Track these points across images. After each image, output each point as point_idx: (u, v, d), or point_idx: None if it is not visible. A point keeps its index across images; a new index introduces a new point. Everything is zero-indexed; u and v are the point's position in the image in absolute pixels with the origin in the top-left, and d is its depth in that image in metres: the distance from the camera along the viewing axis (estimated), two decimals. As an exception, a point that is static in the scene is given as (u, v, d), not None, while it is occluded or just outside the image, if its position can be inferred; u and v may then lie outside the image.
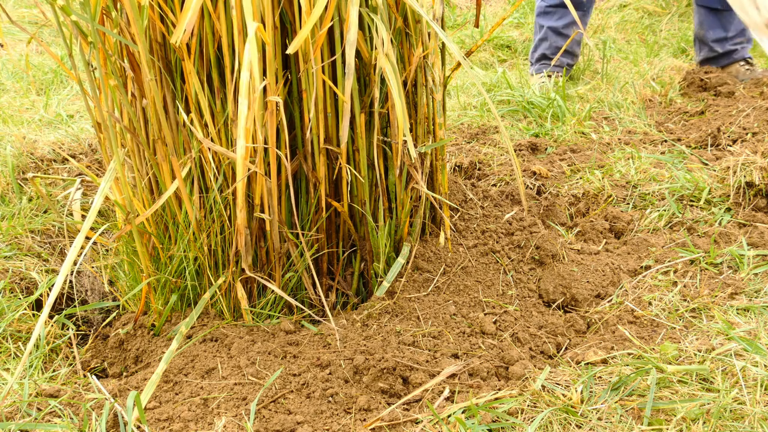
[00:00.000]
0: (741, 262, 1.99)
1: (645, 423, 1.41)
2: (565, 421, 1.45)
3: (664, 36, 4.27)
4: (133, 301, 1.96)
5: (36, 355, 1.77)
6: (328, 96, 1.69)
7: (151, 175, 1.77)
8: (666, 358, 1.60)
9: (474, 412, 1.45)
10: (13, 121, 2.90)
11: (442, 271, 1.91)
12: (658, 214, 2.28)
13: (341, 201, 1.79)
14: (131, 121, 1.72)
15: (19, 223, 2.22)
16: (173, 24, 1.59)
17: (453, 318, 1.79)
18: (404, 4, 1.71)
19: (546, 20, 3.61)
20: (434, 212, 1.98)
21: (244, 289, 1.78)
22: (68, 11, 1.51)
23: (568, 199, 2.42)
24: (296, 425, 1.47)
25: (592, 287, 1.97)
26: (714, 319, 1.75)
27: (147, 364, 1.74)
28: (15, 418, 1.50)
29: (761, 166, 2.28)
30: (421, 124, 1.86)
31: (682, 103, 3.19)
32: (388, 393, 1.57)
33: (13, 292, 2.00)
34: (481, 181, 2.50)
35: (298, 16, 1.62)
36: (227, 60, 1.62)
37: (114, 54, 1.64)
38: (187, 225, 1.73)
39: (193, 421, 1.47)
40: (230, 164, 1.69)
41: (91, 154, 2.66)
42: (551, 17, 3.59)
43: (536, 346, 1.76)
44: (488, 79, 3.52)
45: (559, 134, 2.89)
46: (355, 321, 1.77)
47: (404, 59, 1.80)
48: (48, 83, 3.47)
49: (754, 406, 1.42)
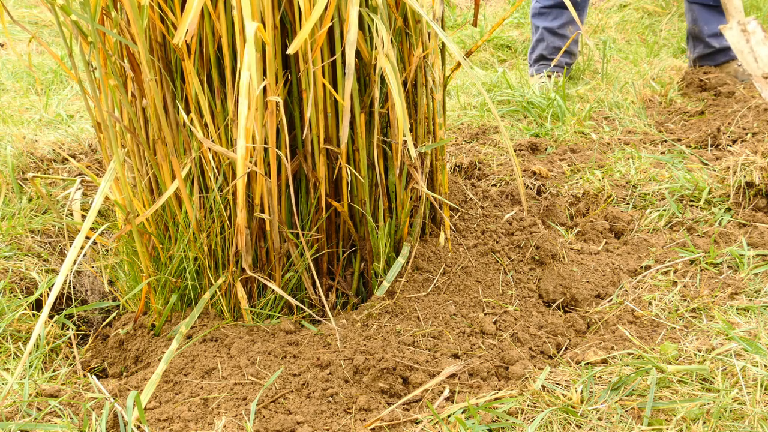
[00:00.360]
0: (741, 262, 1.99)
1: (645, 423, 1.41)
2: (565, 421, 1.45)
3: (664, 36, 4.27)
4: (133, 301, 1.96)
5: (36, 355, 1.77)
6: (328, 96, 1.69)
7: (151, 175, 1.77)
8: (666, 358, 1.60)
9: (473, 412, 1.44)
10: (13, 121, 2.90)
11: (442, 271, 1.91)
12: (658, 214, 2.28)
13: (341, 201, 1.79)
14: (131, 121, 1.72)
15: (19, 223, 2.22)
16: (173, 24, 1.59)
17: (453, 318, 1.79)
18: (404, 4, 1.71)
19: (541, 21, 3.61)
20: (434, 212, 1.98)
21: (244, 289, 1.78)
22: (68, 11, 1.51)
23: (568, 199, 2.42)
24: (296, 425, 1.47)
25: (592, 287, 1.97)
26: (714, 319, 1.75)
27: (147, 364, 1.74)
28: (15, 418, 1.50)
29: (761, 166, 2.28)
30: (421, 124, 1.86)
31: (682, 103, 3.19)
32: (388, 393, 1.57)
33: (13, 292, 2.00)
34: (481, 181, 2.50)
35: (298, 16, 1.62)
36: (227, 60, 1.62)
37: (114, 54, 1.64)
38: (187, 225, 1.73)
39: (193, 421, 1.47)
40: (230, 164, 1.69)
41: (91, 154, 2.66)
42: (546, 18, 3.59)
43: (536, 346, 1.76)
44: (488, 79, 3.52)
45: (559, 134, 2.89)
46: (355, 321, 1.77)
47: (404, 59, 1.80)
48: (48, 83, 3.47)
49: (754, 406, 1.42)
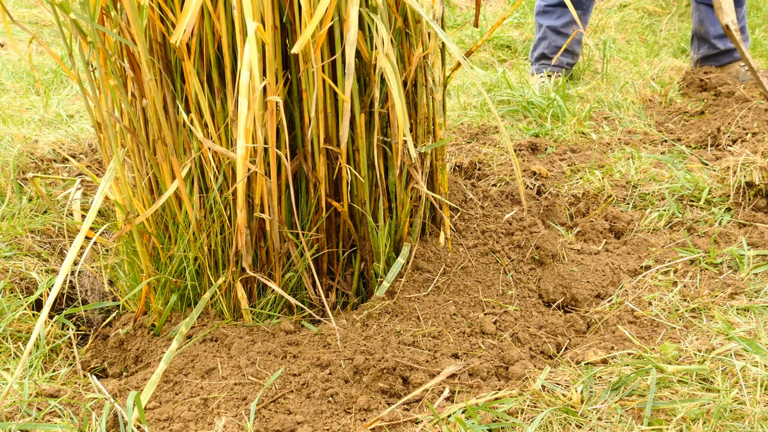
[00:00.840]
0: (741, 262, 1.99)
1: (645, 423, 1.41)
2: (565, 421, 1.44)
3: (664, 36, 4.27)
4: (133, 301, 1.96)
5: (36, 355, 1.77)
6: (328, 96, 1.69)
7: (151, 175, 1.77)
8: (666, 358, 1.60)
9: (473, 412, 1.44)
10: (13, 121, 2.90)
11: (442, 271, 1.91)
12: (658, 214, 2.28)
13: (341, 201, 1.79)
14: (131, 121, 1.72)
15: (19, 223, 2.22)
16: (173, 24, 1.59)
17: (453, 318, 1.79)
18: (404, 4, 1.71)
19: (545, 19, 3.60)
20: (434, 212, 1.98)
21: (244, 289, 1.78)
22: (67, 9, 1.51)
23: (568, 199, 2.42)
24: (296, 425, 1.47)
25: (592, 287, 1.97)
26: (714, 319, 1.75)
27: (147, 364, 1.74)
28: (15, 418, 1.50)
29: (761, 166, 2.28)
30: (421, 124, 1.86)
31: (682, 103, 3.19)
32: (388, 393, 1.57)
33: (13, 292, 2.00)
34: (481, 181, 2.50)
35: (299, 16, 1.62)
36: (227, 60, 1.62)
37: (114, 54, 1.64)
38: (187, 225, 1.73)
39: (193, 421, 1.47)
40: (230, 164, 1.69)
41: (91, 154, 2.66)
42: (550, 16, 3.58)
43: (536, 346, 1.76)
44: (488, 79, 3.52)
45: (559, 134, 2.89)
46: (355, 321, 1.77)
47: (404, 59, 1.80)
48: (48, 83, 3.47)
49: (754, 406, 1.42)
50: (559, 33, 3.57)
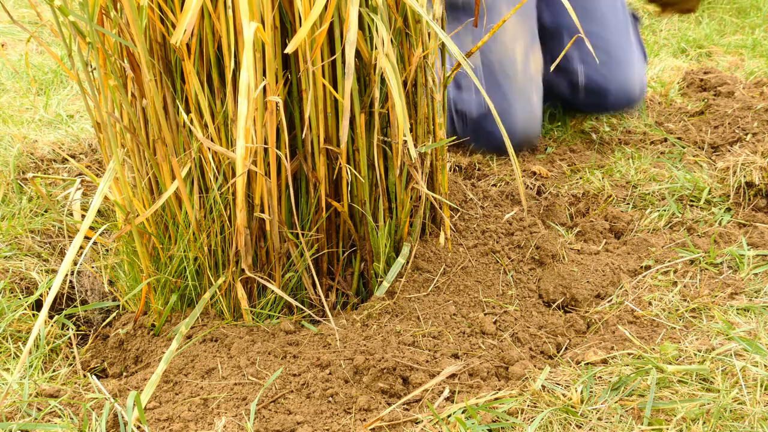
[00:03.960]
0: (741, 262, 1.99)
1: (645, 423, 1.41)
2: (565, 421, 1.44)
3: (664, 36, 4.27)
4: (133, 301, 1.96)
5: (36, 355, 1.77)
6: (328, 96, 1.69)
7: (151, 175, 1.77)
8: (666, 358, 1.60)
9: (473, 412, 1.44)
10: (13, 121, 2.90)
11: (442, 271, 1.91)
12: (658, 214, 2.28)
13: (341, 201, 1.79)
14: (131, 122, 1.72)
15: (19, 223, 2.22)
16: (173, 24, 1.59)
17: (453, 318, 1.79)
18: (404, 4, 1.71)
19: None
20: (434, 212, 1.98)
21: (244, 289, 1.78)
22: (66, 12, 1.51)
23: (568, 199, 2.42)
24: (296, 425, 1.47)
25: (592, 287, 1.97)
26: (714, 319, 1.75)
27: (147, 364, 1.74)
28: (15, 418, 1.50)
29: (761, 166, 2.28)
30: (421, 124, 1.86)
31: (682, 103, 3.19)
32: (388, 393, 1.57)
33: (13, 292, 2.00)
34: (481, 181, 2.50)
35: (298, 15, 1.62)
36: (227, 60, 1.62)
37: (114, 54, 1.64)
38: (187, 225, 1.73)
39: (193, 421, 1.47)
40: (230, 164, 1.69)
41: (91, 154, 2.66)
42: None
43: (536, 346, 1.76)
44: (488, 79, 3.51)
45: (559, 134, 2.89)
46: (355, 321, 1.77)
47: (404, 59, 1.80)
48: (48, 83, 3.47)
49: (754, 406, 1.42)
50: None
